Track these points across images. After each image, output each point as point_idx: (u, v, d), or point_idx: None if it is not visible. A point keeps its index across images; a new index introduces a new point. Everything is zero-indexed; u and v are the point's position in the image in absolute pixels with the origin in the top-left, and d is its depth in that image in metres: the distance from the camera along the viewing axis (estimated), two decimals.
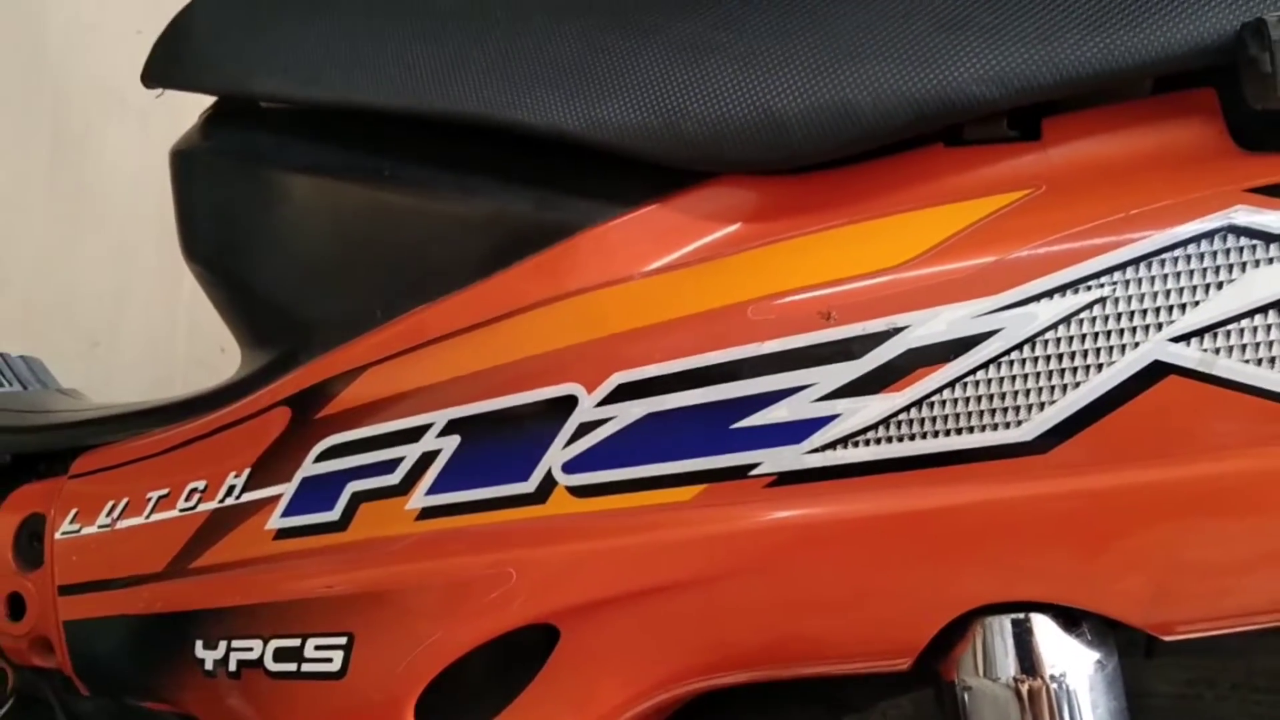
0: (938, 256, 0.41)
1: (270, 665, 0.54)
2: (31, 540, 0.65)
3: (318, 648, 0.53)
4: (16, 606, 0.66)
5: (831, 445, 0.42)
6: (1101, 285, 0.39)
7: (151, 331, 1.48)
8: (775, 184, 0.46)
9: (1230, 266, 0.38)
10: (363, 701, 0.51)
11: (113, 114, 1.51)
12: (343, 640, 0.52)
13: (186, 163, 0.63)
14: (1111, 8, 0.41)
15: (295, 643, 0.53)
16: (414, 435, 0.50)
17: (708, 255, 0.46)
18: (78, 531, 0.63)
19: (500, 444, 0.48)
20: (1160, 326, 0.39)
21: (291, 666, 0.53)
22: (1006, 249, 0.40)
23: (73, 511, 0.63)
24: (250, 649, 0.55)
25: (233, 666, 0.56)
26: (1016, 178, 0.43)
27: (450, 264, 0.52)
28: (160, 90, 0.64)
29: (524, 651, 0.49)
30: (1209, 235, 0.38)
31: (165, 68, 0.63)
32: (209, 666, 0.57)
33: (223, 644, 0.56)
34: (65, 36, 1.55)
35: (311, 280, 0.58)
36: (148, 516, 0.60)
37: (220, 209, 0.62)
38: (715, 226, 0.47)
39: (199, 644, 0.57)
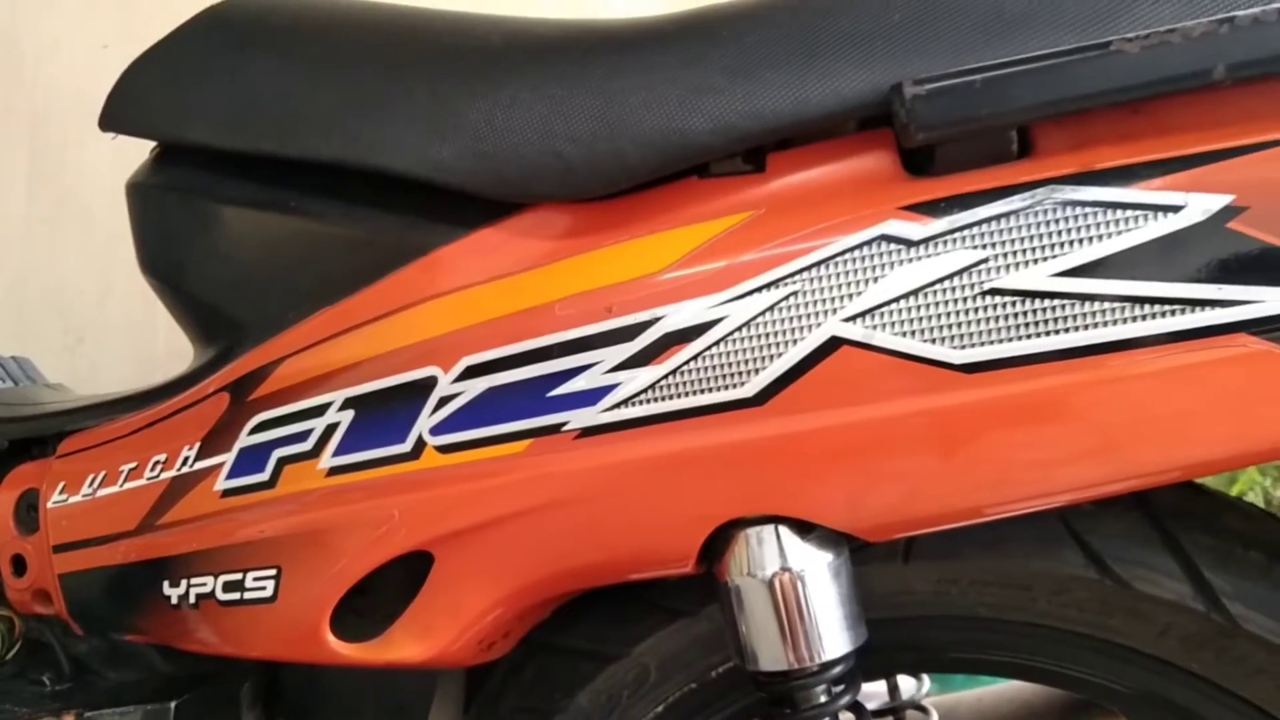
0: (684, 263, 0.56)
1: (220, 596, 0.68)
2: (28, 510, 0.78)
3: (255, 579, 0.67)
4: (19, 565, 0.79)
5: (617, 405, 0.57)
6: (796, 281, 0.53)
7: (132, 328, 1.57)
8: (575, 210, 0.60)
9: (883, 265, 0.52)
10: (291, 618, 0.66)
11: (87, 124, 1.61)
12: (273, 572, 0.66)
13: (139, 195, 0.76)
14: (811, 71, 0.55)
15: (238, 576, 0.67)
16: (320, 411, 0.64)
17: (527, 265, 0.60)
18: (65, 501, 0.76)
19: (383, 415, 0.62)
20: (835, 310, 0.53)
21: (236, 595, 0.68)
22: (731, 257, 0.55)
23: (61, 484, 0.77)
24: (205, 584, 0.69)
25: (192, 600, 0.70)
26: (746, 202, 0.57)
27: (342, 275, 0.66)
28: (114, 135, 0.77)
29: (409, 574, 0.63)
30: (869, 242, 0.53)
31: (116, 116, 0.76)
32: (174, 601, 0.71)
33: (184, 582, 0.70)
34: (36, 53, 1.65)
35: (240, 290, 0.72)
36: (121, 485, 0.73)
37: (167, 234, 0.75)
38: (533, 244, 0.61)
39: (165, 584, 0.71)
